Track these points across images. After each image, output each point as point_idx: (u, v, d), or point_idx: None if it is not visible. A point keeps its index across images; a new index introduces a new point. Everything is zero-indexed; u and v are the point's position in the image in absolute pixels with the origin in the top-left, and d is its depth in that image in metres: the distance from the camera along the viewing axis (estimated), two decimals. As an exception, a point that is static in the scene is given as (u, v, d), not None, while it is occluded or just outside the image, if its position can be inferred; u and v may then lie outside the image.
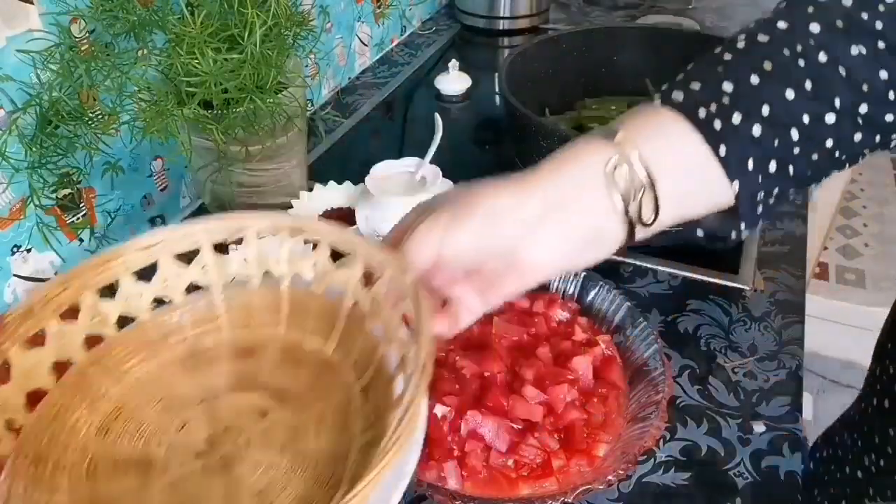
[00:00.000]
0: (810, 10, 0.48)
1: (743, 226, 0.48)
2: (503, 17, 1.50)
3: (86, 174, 0.79)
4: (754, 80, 0.46)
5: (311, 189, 0.92)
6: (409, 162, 0.84)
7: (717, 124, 0.45)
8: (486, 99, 1.30)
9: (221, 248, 0.51)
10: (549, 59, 1.03)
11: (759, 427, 0.66)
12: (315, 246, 0.50)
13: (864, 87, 0.46)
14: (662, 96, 0.47)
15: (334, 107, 1.23)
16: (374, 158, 0.85)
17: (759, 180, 0.46)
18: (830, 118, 0.47)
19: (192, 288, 0.52)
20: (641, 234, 0.46)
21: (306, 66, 1.15)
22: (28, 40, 0.69)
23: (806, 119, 0.46)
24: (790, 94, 0.46)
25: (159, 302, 0.52)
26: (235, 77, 0.73)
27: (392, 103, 1.27)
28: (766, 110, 0.46)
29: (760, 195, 0.47)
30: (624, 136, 0.45)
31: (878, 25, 0.46)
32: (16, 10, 0.68)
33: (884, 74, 0.46)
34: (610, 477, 0.54)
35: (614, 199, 0.45)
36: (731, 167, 0.45)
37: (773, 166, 0.46)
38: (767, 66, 0.46)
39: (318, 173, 1.00)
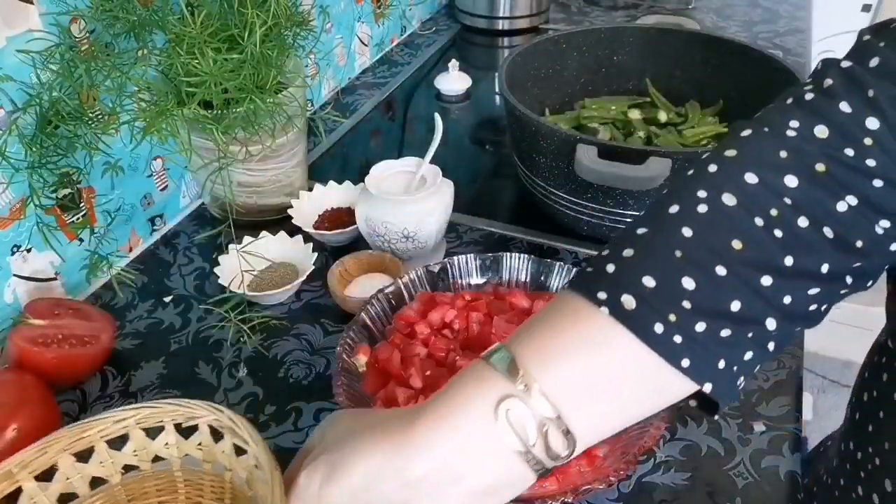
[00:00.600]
0: (783, 154, 0.40)
1: (723, 403, 0.41)
2: (503, 17, 1.50)
3: (86, 174, 0.79)
4: (721, 271, 0.38)
5: (311, 189, 0.92)
6: (409, 162, 0.84)
7: (678, 338, 0.38)
8: (486, 99, 1.30)
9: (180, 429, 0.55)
10: (549, 58, 1.03)
11: (759, 427, 0.66)
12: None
13: (858, 244, 0.39)
14: (609, 299, 0.39)
15: (334, 107, 1.23)
16: (374, 158, 0.85)
17: (735, 370, 0.40)
18: (815, 290, 0.40)
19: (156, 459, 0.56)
20: (559, 464, 0.39)
21: (306, 66, 1.15)
22: (28, 40, 0.69)
23: (787, 300, 0.39)
24: (767, 280, 0.39)
25: (128, 469, 0.56)
26: (235, 77, 0.73)
27: (392, 103, 1.27)
28: (736, 306, 0.38)
29: (740, 379, 0.41)
30: (524, 370, 0.39)
31: (870, 163, 0.39)
32: (16, 10, 0.68)
33: (884, 223, 0.39)
34: (610, 477, 0.54)
35: (512, 445, 0.38)
36: (698, 374, 0.38)
37: (748, 355, 0.40)
38: (737, 245, 0.38)
39: (318, 173, 1.00)
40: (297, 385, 0.72)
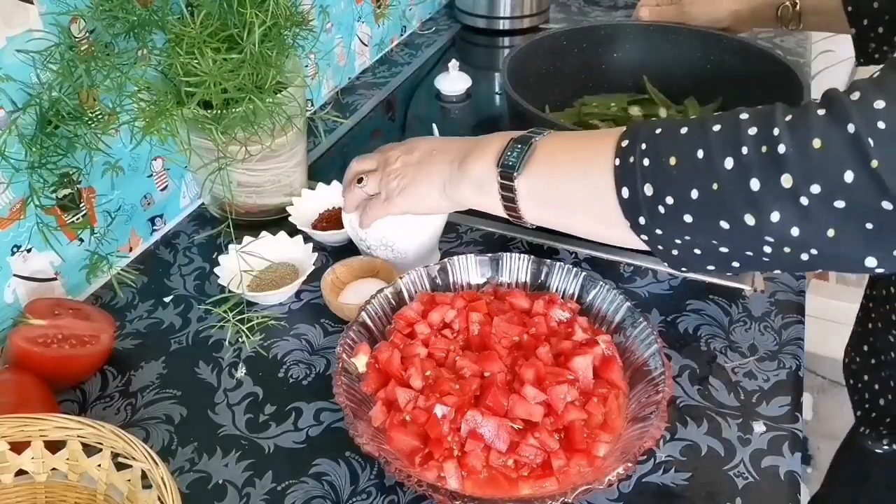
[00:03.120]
0: None
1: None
2: (503, 17, 1.49)
3: (86, 174, 0.79)
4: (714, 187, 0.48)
5: (311, 189, 0.92)
6: None
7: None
8: (486, 99, 1.30)
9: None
10: (550, 55, 1.03)
11: (759, 427, 0.66)
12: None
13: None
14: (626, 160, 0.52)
15: (334, 107, 1.23)
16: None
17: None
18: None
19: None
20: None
21: (306, 66, 1.15)
22: (28, 40, 0.69)
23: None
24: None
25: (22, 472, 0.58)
26: (235, 77, 0.73)
27: (392, 103, 1.27)
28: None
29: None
30: (529, 167, 0.59)
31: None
32: (16, 10, 0.68)
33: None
34: (610, 477, 0.54)
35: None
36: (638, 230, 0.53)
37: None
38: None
39: (318, 173, 1.00)
40: (297, 385, 0.72)
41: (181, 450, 0.66)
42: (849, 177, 0.41)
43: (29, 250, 0.76)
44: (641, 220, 0.50)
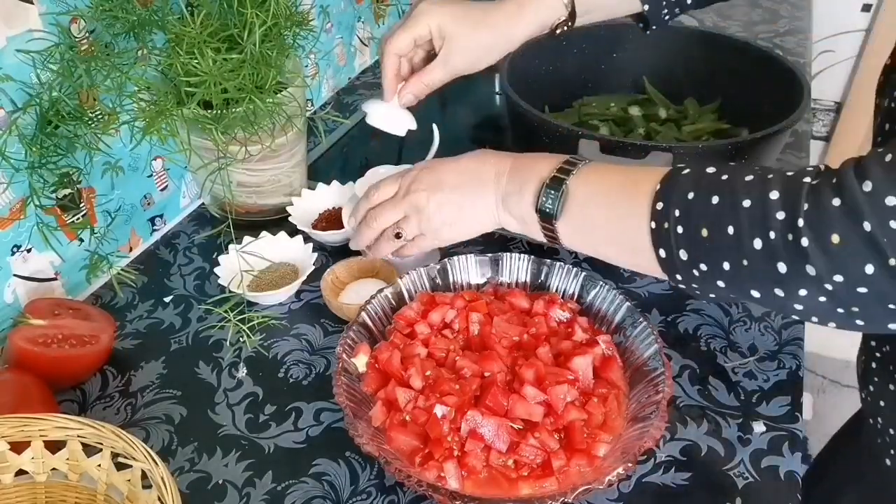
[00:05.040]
0: None
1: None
2: (503, 17, 1.49)
3: (86, 174, 0.79)
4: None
5: (311, 189, 0.92)
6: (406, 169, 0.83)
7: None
8: (486, 99, 1.30)
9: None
10: (550, 56, 1.02)
11: (759, 427, 0.66)
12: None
13: None
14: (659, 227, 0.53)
15: (334, 107, 1.23)
16: (374, 158, 0.85)
17: None
18: None
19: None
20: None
21: (306, 66, 1.15)
22: (28, 40, 0.69)
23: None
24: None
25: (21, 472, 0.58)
26: (235, 77, 0.73)
27: (392, 103, 1.26)
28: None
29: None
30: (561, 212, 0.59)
31: None
32: (16, 10, 0.68)
33: None
34: (610, 477, 0.54)
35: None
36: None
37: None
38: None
39: (318, 173, 1.00)
40: (297, 385, 0.72)
41: (181, 450, 0.66)
42: (869, 269, 0.43)
43: (29, 250, 0.76)
44: (678, 277, 0.53)
